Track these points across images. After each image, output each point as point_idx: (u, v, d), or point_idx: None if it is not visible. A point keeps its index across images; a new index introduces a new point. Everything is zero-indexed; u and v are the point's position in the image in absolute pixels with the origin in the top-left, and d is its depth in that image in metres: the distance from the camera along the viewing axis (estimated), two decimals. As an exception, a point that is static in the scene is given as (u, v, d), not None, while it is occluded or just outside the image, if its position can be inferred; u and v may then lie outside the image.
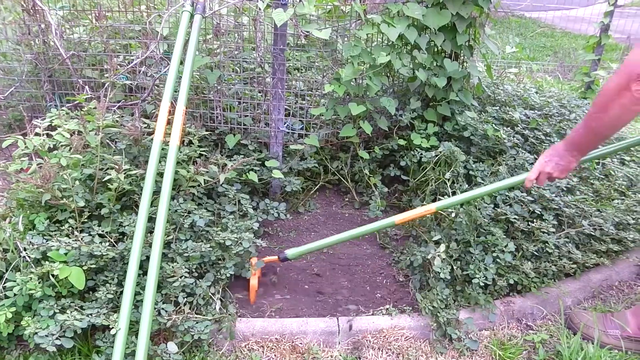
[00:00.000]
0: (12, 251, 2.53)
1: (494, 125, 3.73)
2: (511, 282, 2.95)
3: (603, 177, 3.88)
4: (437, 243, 3.00)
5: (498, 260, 2.96)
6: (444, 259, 2.88)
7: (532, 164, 3.55)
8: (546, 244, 3.12)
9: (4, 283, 2.46)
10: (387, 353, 2.67)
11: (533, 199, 3.31)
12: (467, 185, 3.39)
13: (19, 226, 2.63)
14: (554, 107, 4.37)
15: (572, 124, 4.17)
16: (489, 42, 3.87)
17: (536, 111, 4.28)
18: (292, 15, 3.04)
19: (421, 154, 3.57)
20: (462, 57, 3.85)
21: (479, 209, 3.14)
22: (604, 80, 6.26)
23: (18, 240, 2.56)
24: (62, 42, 3.58)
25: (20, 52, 3.84)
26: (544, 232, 3.14)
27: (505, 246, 2.98)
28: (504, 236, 3.04)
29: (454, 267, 2.90)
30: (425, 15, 3.38)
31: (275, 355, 2.62)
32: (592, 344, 2.73)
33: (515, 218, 3.15)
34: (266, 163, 3.47)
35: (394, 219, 2.82)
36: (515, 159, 3.61)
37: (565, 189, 3.54)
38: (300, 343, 2.66)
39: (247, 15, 3.72)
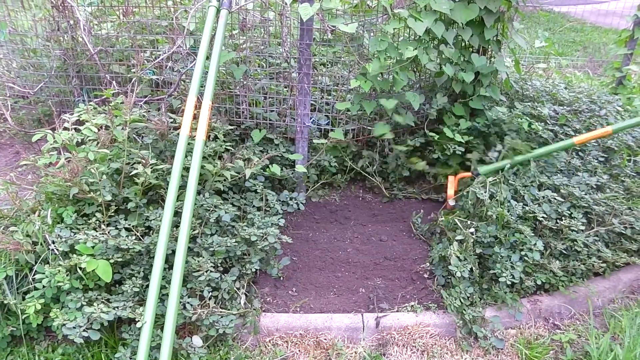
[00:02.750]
0: (41, 244, 2.57)
1: (528, 120, 3.68)
2: (539, 282, 2.91)
3: (634, 174, 3.79)
4: (462, 242, 2.96)
5: (526, 258, 2.91)
6: (459, 257, 2.85)
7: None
8: (575, 243, 3.06)
9: (34, 275, 2.50)
10: (411, 350, 2.65)
11: (562, 199, 3.25)
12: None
13: (48, 219, 2.67)
14: (584, 102, 4.28)
15: (603, 120, 4.09)
16: (518, 36, 3.80)
17: (565, 107, 4.20)
18: (318, 10, 3.03)
19: (454, 147, 3.55)
20: (490, 52, 3.79)
21: (508, 210, 3.09)
22: (637, 75, 6.13)
23: (47, 233, 2.60)
24: (90, 38, 3.62)
25: (49, 48, 3.89)
26: (573, 230, 3.08)
27: (534, 244, 2.94)
28: (532, 234, 3.00)
29: (474, 267, 2.86)
30: (453, 10, 3.33)
31: (299, 350, 2.62)
32: (621, 345, 2.67)
33: (543, 216, 3.09)
34: (291, 156, 3.47)
35: (573, 140, 3.29)
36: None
37: (595, 186, 3.47)
38: (325, 339, 2.66)
39: (273, 10, 3.71)
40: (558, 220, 3.11)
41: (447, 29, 3.40)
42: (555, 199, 3.21)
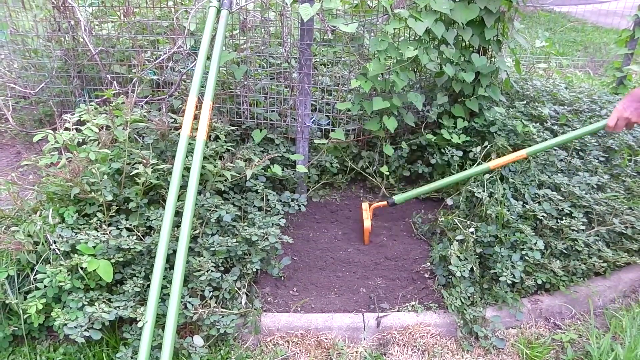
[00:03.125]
0: (43, 244, 2.58)
1: (522, 121, 3.68)
2: (539, 282, 2.91)
3: (635, 174, 3.80)
4: (462, 242, 2.97)
5: (526, 258, 2.92)
6: (459, 257, 2.86)
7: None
8: (575, 242, 3.07)
9: (35, 275, 2.50)
10: (412, 350, 2.66)
11: (563, 198, 3.25)
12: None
13: (49, 219, 2.68)
14: (585, 102, 4.29)
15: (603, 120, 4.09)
16: (518, 36, 3.81)
17: (566, 107, 4.20)
18: (319, 10, 3.03)
19: (452, 152, 3.55)
20: (491, 52, 3.79)
21: (507, 209, 3.10)
22: (637, 75, 6.13)
23: (48, 233, 2.60)
24: (91, 39, 3.63)
25: (50, 48, 3.90)
26: (573, 230, 3.08)
27: (535, 244, 2.94)
28: (533, 234, 3.00)
29: (474, 267, 2.87)
30: (453, 10, 3.34)
31: (300, 350, 2.62)
32: (622, 345, 2.67)
33: (543, 215, 3.10)
34: (292, 157, 3.48)
35: (488, 165, 3.06)
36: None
37: (595, 186, 3.47)
38: (326, 338, 2.66)
39: (273, 11, 3.72)
40: (558, 220, 3.12)
41: (447, 29, 3.41)
42: (555, 197, 3.21)
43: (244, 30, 3.64)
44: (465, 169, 3.59)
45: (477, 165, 3.22)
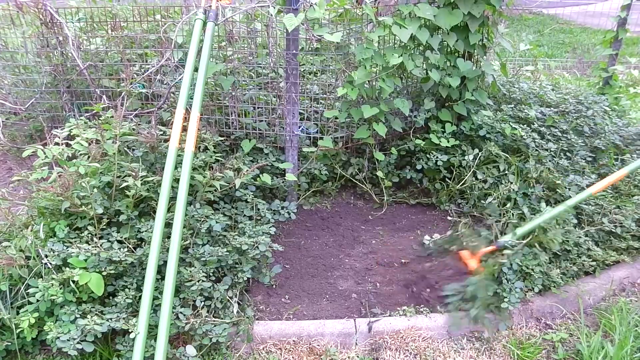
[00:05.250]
0: (34, 258, 2.59)
1: (511, 124, 3.72)
2: (536, 289, 2.94)
3: (622, 173, 3.83)
4: None
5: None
6: None
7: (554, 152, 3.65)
8: (566, 242, 3.10)
9: (27, 289, 2.52)
10: (404, 354, 2.67)
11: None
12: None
13: (40, 234, 2.69)
14: (571, 103, 4.33)
15: (590, 121, 4.14)
16: (503, 40, 3.85)
17: (552, 108, 4.25)
18: (304, 20, 3.07)
19: (437, 157, 3.59)
20: (476, 57, 3.83)
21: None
22: (624, 75, 6.19)
23: (39, 248, 2.62)
24: (79, 53, 3.65)
25: (40, 64, 3.92)
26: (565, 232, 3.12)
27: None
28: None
29: None
30: (437, 16, 3.38)
31: (292, 357, 2.64)
32: (612, 343, 2.70)
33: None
34: (281, 165, 3.50)
35: (590, 190, 3.12)
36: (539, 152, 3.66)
37: (585, 187, 3.51)
38: (318, 345, 2.68)
39: (259, 22, 3.75)
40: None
41: (431, 35, 3.45)
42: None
43: (231, 41, 3.67)
44: (454, 173, 3.63)
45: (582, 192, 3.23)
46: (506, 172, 3.54)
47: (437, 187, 3.73)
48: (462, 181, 3.59)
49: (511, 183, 3.38)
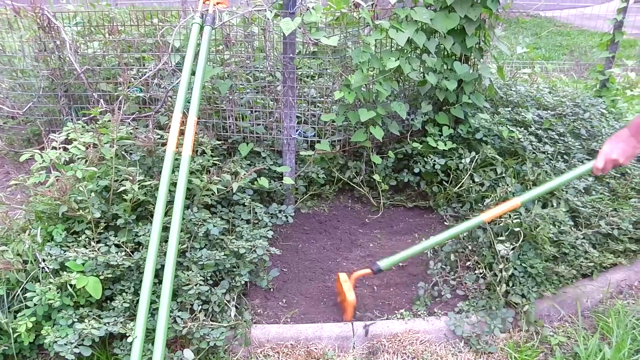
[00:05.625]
0: (32, 262, 2.59)
1: (508, 127, 3.73)
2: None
3: (619, 175, 3.85)
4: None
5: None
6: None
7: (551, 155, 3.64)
8: (562, 245, 3.10)
9: (25, 293, 2.52)
10: (402, 357, 2.68)
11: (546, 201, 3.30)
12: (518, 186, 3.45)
13: (38, 238, 2.69)
14: (568, 106, 4.34)
15: (587, 123, 4.15)
16: (500, 43, 3.86)
17: (549, 111, 4.26)
18: (300, 24, 3.08)
19: (434, 160, 3.59)
20: (473, 60, 3.84)
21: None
22: (621, 77, 6.20)
23: (37, 252, 2.62)
24: (76, 57, 3.66)
25: (37, 68, 3.92)
26: (561, 233, 3.12)
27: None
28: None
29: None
30: (434, 19, 3.39)
31: (290, 360, 2.64)
32: (610, 345, 2.70)
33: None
34: (278, 169, 3.51)
35: (482, 218, 2.81)
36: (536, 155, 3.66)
37: (582, 190, 3.52)
38: (315, 348, 2.68)
39: (256, 25, 3.76)
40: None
41: (428, 38, 3.46)
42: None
43: (228, 45, 3.68)
44: (452, 176, 3.64)
45: (471, 219, 2.91)
46: (503, 174, 3.54)
47: (435, 190, 3.74)
48: (459, 184, 3.59)
49: (508, 186, 3.39)
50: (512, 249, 2.95)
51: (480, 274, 2.98)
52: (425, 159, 3.66)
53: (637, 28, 8.90)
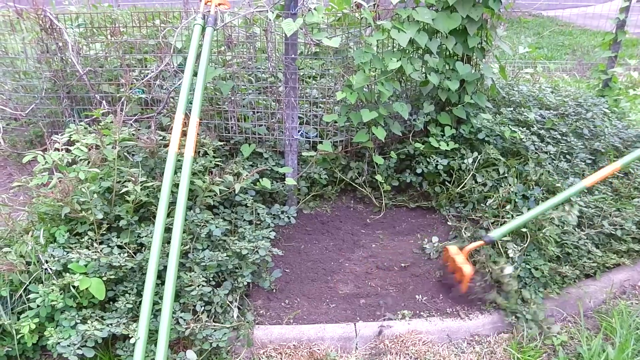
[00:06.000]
0: (34, 263, 2.60)
1: (510, 127, 3.72)
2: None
3: (622, 175, 3.84)
4: None
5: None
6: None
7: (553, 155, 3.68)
8: (566, 245, 3.10)
9: (28, 295, 2.52)
10: (405, 358, 2.67)
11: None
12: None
13: (41, 239, 2.70)
14: (570, 106, 4.33)
15: (589, 123, 4.14)
16: (502, 43, 3.86)
17: (552, 111, 4.25)
18: (302, 25, 3.08)
19: (437, 161, 3.59)
20: (475, 60, 3.84)
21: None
22: (623, 77, 6.19)
23: (40, 253, 2.62)
24: (79, 59, 3.66)
25: (40, 70, 3.93)
26: (564, 233, 3.12)
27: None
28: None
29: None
30: (435, 19, 3.38)
31: (293, 361, 2.64)
32: (613, 346, 2.70)
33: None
34: (280, 169, 3.51)
35: (584, 183, 3.09)
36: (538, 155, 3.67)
37: (585, 190, 3.50)
38: (318, 349, 2.68)
39: (258, 26, 3.76)
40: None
41: (430, 38, 3.45)
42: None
43: (230, 46, 3.68)
44: (454, 176, 3.63)
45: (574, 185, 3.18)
46: (506, 174, 3.54)
47: (437, 191, 3.73)
48: (462, 184, 3.59)
49: (510, 185, 3.38)
50: (520, 249, 2.95)
51: (488, 272, 2.98)
52: (427, 159, 3.65)
53: (640, 27, 8.88)
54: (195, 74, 2.94)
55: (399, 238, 3.51)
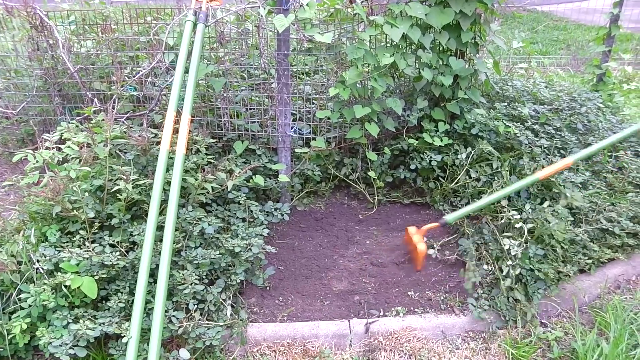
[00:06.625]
0: (26, 263, 2.58)
1: (504, 122, 3.71)
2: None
3: (616, 170, 3.84)
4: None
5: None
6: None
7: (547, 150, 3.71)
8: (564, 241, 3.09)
9: (19, 295, 2.50)
10: (399, 354, 2.66)
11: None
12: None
13: (32, 238, 2.68)
14: (564, 101, 4.33)
15: (583, 118, 4.14)
16: (496, 38, 3.85)
17: (546, 106, 4.24)
18: (294, 21, 3.06)
19: (430, 156, 3.58)
20: (469, 55, 3.83)
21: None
22: (617, 71, 6.19)
23: (31, 252, 2.60)
24: (70, 56, 3.63)
25: (31, 68, 3.90)
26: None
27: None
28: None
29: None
30: (428, 14, 3.37)
31: (287, 359, 2.63)
32: (608, 340, 2.69)
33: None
34: (274, 166, 3.49)
35: (537, 176, 3.20)
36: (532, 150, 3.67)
37: (579, 185, 3.50)
38: (312, 347, 2.67)
39: (250, 22, 3.74)
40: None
41: (423, 33, 3.44)
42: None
43: (222, 42, 3.66)
44: (448, 172, 3.62)
45: (526, 177, 3.28)
46: (499, 169, 3.53)
47: (431, 187, 3.72)
48: (456, 180, 3.58)
49: (504, 180, 3.38)
50: (519, 244, 2.93)
51: (489, 270, 2.98)
52: (421, 155, 3.64)
53: (634, 22, 8.87)
54: (187, 71, 2.92)
55: (394, 234, 3.50)
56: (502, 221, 3.16)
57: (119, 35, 3.75)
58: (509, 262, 2.88)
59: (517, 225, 3.01)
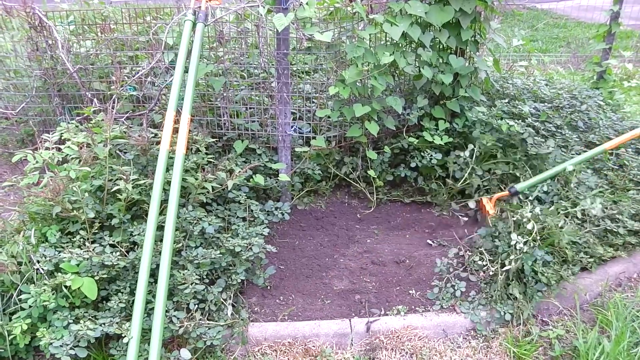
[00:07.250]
0: (26, 264, 2.57)
1: (507, 120, 3.70)
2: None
3: (617, 167, 3.83)
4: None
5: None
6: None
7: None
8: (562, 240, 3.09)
9: (19, 295, 2.50)
10: (400, 353, 2.66)
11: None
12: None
13: (32, 239, 2.67)
14: (565, 98, 4.32)
15: (584, 115, 4.13)
16: (496, 36, 3.84)
17: (546, 104, 4.23)
18: (294, 20, 3.05)
19: (431, 155, 3.58)
20: (468, 53, 3.82)
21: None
22: (618, 69, 6.18)
23: (31, 253, 2.60)
24: (69, 57, 3.63)
25: (30, 68, 3.90)
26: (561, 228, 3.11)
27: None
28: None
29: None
30: (428, 13, 3.36)
31: (288, 358, 2.62)
32: (609, 338, 2.69)
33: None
34: (274, 166, 3.49)
35: (605, 146, 3.44)
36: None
37: (592, 188, 3.50)
38: (313, 346, 2.66)
39: (250, 22, 3.73)
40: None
41: (423, 32, 3.44)
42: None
43: (222, 42, 3.65)
44: (449, 169, 3.62)
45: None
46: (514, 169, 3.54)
47: (433, 187, 3.72)
48: (461, 180, 3.57)
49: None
50: (525, 242, 2.92)
51: (484, 266, 2.97)
52: (422, 153, 3.64)
53: (634, 19, 8.86)
54: (186, 71, 2.92)
55: (394, 233, 3.50)
56: (516, 218, 3.14)
57: (118, 35, 3.74)
58: (512, 257, 2.87)
59: (529, 226, 3.00)
